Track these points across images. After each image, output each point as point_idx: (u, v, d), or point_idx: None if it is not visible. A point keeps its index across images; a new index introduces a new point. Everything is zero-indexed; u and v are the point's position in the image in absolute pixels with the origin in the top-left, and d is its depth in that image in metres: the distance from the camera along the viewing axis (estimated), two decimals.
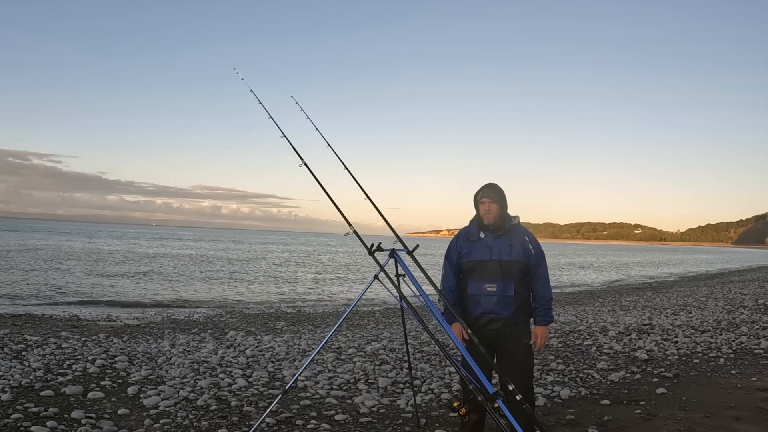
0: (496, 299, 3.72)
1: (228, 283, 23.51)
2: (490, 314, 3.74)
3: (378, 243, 3.62)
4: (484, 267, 3.75)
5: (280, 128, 4.01)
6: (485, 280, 3.74)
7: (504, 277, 3.72)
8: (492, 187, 3.82)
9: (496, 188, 3.82)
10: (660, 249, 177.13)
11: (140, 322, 11.57)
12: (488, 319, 3.74)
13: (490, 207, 3.76)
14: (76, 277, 22.65)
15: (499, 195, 3.79)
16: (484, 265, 3.75)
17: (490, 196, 3.77)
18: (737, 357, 7.45)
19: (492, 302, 3.72)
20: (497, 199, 3.78)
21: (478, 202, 3.83)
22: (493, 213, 3.76)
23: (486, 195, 3.78)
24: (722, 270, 43.16)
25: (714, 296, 17.64)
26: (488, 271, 3.74)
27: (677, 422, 4.73)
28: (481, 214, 3.81)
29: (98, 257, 35.87)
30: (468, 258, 3.81)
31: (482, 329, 3.73)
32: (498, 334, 3.74)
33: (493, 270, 3.73)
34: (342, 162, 4.14)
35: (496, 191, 3.80)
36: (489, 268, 3.74)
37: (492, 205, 3.76)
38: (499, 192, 3.81)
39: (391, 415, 4.98)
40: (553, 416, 4.94)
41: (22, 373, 5.92)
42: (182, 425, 4.56)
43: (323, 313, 14.54)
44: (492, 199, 3.77)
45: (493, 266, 3.73)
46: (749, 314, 12.12)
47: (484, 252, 3.77)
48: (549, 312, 3.79)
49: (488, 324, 3.74)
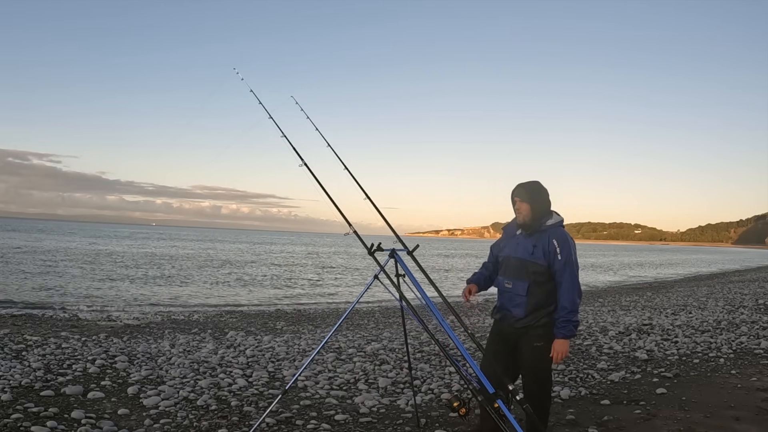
0: (509, 296, 3.76)
1: (228, 283, 23.50)
2: (504, 310, 3.80)
3: (378, 243, 3.62)
4: (508, 263, 3.80)
5: (280, 128, 4.02)
6: (506, 276, 3.80)
7: (519, 275, 3.70)
8: (523, 186, 3.78)
9: (528, 187, 3.76)
10: (660, 249, 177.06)
11: (140, 322, 11.57)
12: (502, 314, 3.82)
13: (521, 206, 3.75)
14: (76, 277, 22.64)
15: (531, 195, 3.73)
16: (509, 261, 3.80)
17: (521, 195, 3.76)
18: (737, 357, 7.45)
19: (505, 299, 3.79)
20: (528, 199, 3.72)
21: (512, 204, 3.85)
22: (523, 212, 3.73)
23: (516, 194, 3.78)
24: (722, 270, 43.15)
25: (714, 296, 17.64)
26: (510, 268, 3.78)
27: (677, 422, 4.73)
28: (516, 215, 3.83)
29: (98, 257, 35.86)
30: (501, 252, 3.92)
31: (498, 324, 3.85)
32: (514, 333, 3.76)
33: (513, 267, 3.76)
34: (342, 162, 4.14)
35: (527, 191, 3.74)
36: (510, 265, 3.78)
37: (522, 204, 3.74)
38: (531, 192, 3.74)
39: (391, 415, 4.98)
40: (553, 416, 4.93)
41: (22, 373, 5.92)
42: (182, 425, 4.56)
43: (323, 313, 14.53)
44: (522, 199, 3.74)
45: (514, 263, 3.76)
46: (749, 314, 12.12)
47: (513, 248, 3.81)
48: (568, 325, 3.57)
49: (502, 320, 3.82)
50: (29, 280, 20.38)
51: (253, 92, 4.20)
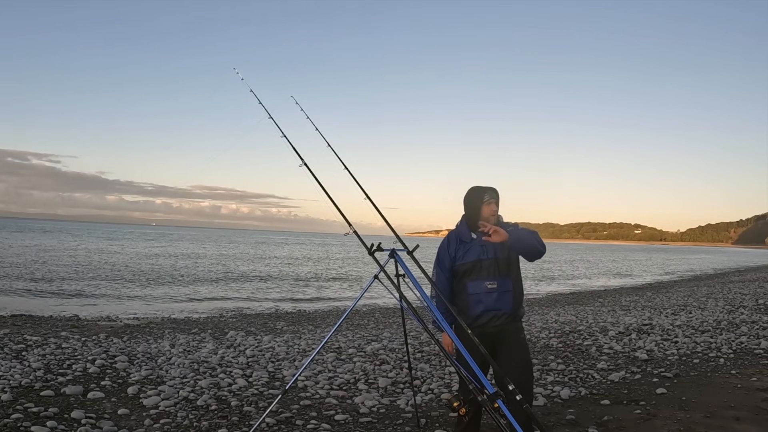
0: (496, 296, 3.77)
1: (228, 283, 23.50)
2: (492, 311, 3.78)
3: (378, 243, 3.62)
4: (482, 266, 3.79)
5: (280, 128, 4.01)
6: (484, 278, 3.78)
7: (501, 273, 3.80)
8: (494, 188, 3.91)
9: (496, 190, 3.91)
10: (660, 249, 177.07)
11: (140, 322, 11.57)
12: (491, 316, 3.78)
13: (495, 207, 3.86)
14: (76, 277, 22.64)
15: (498, 196, 3.89)
16: (482, 263, 3.79)
17: (495, 197, 3.86)
18: (737, 357, 7.45)
19: (493, 299, 3.77)
20: (497, 200, 3.88)
21: (483, 203, 3.86)
22: (495, 214, 3.86)
23: (492, 196, 3.86)
24: (722, 270, 43.15)
25: (714, 296, 17.63)
26: (486, 270, 3.78)
27: (677, 422, 4.73)
28: (485, 215, 3.85)
29: (98, 257, 35.86)
30: (464, 260, 3.85)
31: (483, 328, 3.76)
32: (500, 331, 3.79)
33: (490, 267, 3.78)
34: (342, 162, 4.14)
35: (497, 192, 3.90)
36: (486, 266, 3.79)
37: (496, 206, 3.86)
38: (497, 194, 3.90)
39: (391, 415, 4.98)
40: (553, 416, 4.94)
41: (22, 373, 5.92)
42: (182, 425, 4.56)
43: (323, 313, 14.53)
44: (495, 201, 3.86)
45: (489, 264, 3.78)
46: (749, 314, 12.11)
47: (479, 251, 3.81)
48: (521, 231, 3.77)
49: (490, 321, 3.78)
50: (29, 280, 20.38)
51: (253, 92, 4.20)
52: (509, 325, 3.81)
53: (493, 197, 3.87)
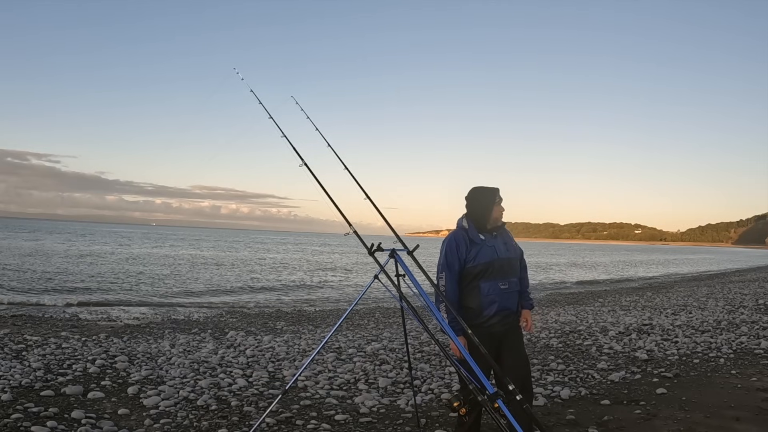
0: (507, 296, 3.83)
1: (228, 283, 23.49)
2: (505, 310, 3.83)
3: (378, 243, 3.62)
4: (494, 267, 3.80)
5: (280, 128, 4.01)
6: (498, 278, 3.80)
7: (512, 273, 3.87)
8: (498, 190, 3.92)
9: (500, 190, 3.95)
10: (660, 249, 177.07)
11: (140, 322, 11.57)
12: (503, 315, 3.82)
13: (502, 208, 3.90)
14: (76, 277, 22.64)
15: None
16: (493, 264, 3.80)
17: (501, 198, 3.90)
18: (737, 357, 7.45)
19: (505, 299, 3.82)
20: (501, 201, 3.92)
21: (493, 204, 3.84)
22: (502, 213, 3.91)
23: (500, 196, 3.90)
24: (722, 270, 43.14)
25: (714, 296, 17.63)
26: (499, 270, 3.81)
27: (677, 422, 4.73)
28: (496, 216, 3.87)
29: (98, 257, 35.86)
30: (475, 261, 3.78)
31: (491, 328, 3.78)
32: (507, 329, 3.83)
33: (502, 268, 3.82)
34: (342, 162, 4.14)
35: (499, 194, 3.92)
36: (498, 267, 3.81)
37: (502, 206, 3.90)
38: None
39: (391, 415, 4.98)
40: (553, 416, 4.94)
41: (22, 373, 5.92)
42: (182, 425, 4.56)
43: (323, 313, 14.53)
44: (500, 202, 3.89)
45: (501, 264, 3.82)
46: (749, 314, 12.12)
47: (490, 252, 3.81)
48: (532, 299, 4.10)
49: (503, 320, 3.81)
50: (29, 280, 20.38)
51: (253, 92, 4.20)
52: (514, 323, 3.89)
53: (500, 198, 3.91)
